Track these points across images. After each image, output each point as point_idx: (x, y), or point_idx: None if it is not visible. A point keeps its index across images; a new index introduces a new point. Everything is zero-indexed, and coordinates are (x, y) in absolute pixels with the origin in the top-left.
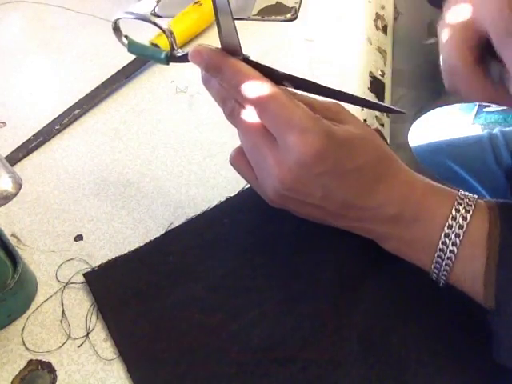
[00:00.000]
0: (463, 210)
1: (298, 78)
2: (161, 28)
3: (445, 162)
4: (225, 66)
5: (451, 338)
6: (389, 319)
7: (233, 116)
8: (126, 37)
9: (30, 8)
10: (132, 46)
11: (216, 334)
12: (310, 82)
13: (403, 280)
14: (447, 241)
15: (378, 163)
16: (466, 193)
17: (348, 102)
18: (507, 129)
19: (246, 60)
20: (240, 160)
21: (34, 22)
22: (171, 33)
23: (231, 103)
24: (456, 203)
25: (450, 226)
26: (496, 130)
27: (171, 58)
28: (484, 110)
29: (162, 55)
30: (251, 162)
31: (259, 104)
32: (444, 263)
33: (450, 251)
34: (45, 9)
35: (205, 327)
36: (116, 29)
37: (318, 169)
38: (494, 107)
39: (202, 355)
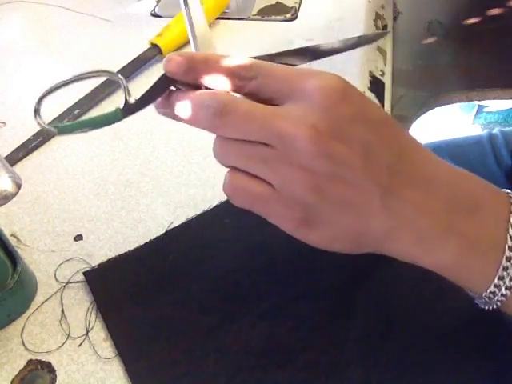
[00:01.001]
0: None
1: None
2: (111, 74)
3: None
4: (213, 56)
5: (450, 340)
6: (388, 321)
7: (226, 113)
8: (56, 127)
9: (29, 8)
10: (64, 130)
11: (215, 334)
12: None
13: (403, 282)
14: None
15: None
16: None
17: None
18: (507, 129)
19: None
20: (240, 178)
21: (34, 22)
22: (123, 79)
23: (219, 99)
24: None
25: None
26: (496, 130)
27: (126, 110)
28: (484, 109)
29: (117, 112)
30: (257, 167)
31: (264, 71)
32: None
33: None
34: (45, 9)
35: (204, 327)
36: (37, 111)
37: (348, 109)
38: (494, 107)
39: (200, 355)
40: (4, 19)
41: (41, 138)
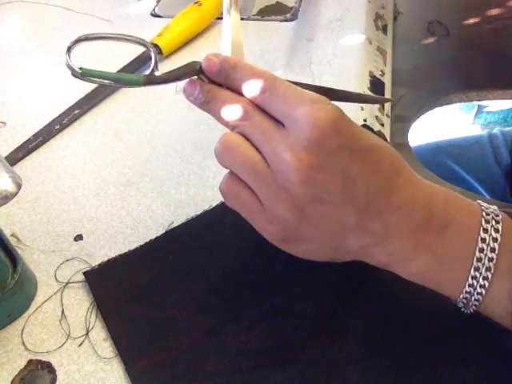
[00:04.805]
0: (493, 222)
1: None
2: (144, 45)
3: (445, 162)
4: (239, 62)
5: (451, 340)
6: (388, 321)
7: (246, 116)
8: (81, 68)
9: (29, 8)
10: (88, 73)
11: (215, 334)
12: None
13: (403, 281)
14: (485, 247)
15: (391, 150)
16: (485, 203)
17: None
18: (507, 129)
19: None
20: (236, 183)
21: (34, 22)
22: (156, 51)
23: (243, 103)
24: (484, 213)
25: (484, 237)
26: (496, 130)
27: (150, 79)
28: (484, 109)
29: (140, 77)
30: (249, 177)
31: (269, 87)
32: (481, 278)
33: (489, 259)
34: (45, 9)
35: (204, 327)
36: (69, 49)
37: (334, 140)
38: (494, 107)
39: (200, 355)
40: (4, 19)
41: (41, 138)
